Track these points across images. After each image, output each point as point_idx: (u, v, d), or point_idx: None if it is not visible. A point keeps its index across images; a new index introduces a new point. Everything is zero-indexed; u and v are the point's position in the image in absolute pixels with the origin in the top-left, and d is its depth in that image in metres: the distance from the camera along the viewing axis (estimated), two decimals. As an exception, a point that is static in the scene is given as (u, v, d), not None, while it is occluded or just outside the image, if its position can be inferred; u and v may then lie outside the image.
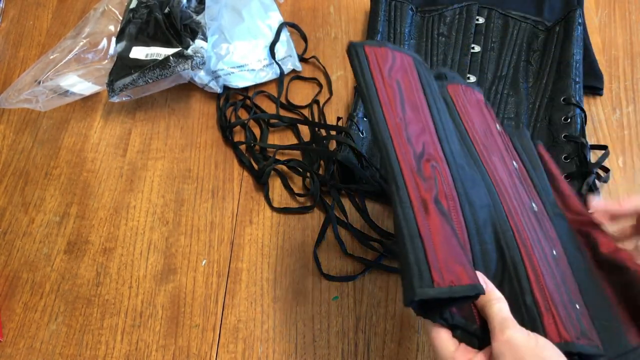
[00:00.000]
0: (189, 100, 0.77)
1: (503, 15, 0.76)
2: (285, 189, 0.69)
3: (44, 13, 0.87)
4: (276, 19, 0.80)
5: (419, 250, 0.37)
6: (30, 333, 0.63)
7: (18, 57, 0.83)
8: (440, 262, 0.37)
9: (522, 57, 0.74)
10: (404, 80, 0.45)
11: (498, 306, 0.39)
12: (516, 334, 0.37)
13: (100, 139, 0.75)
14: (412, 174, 0.40)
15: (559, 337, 0.39)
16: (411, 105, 0.44)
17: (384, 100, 0.43)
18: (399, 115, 0.43)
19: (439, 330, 0.39)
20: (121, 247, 0.67)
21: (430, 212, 0.39)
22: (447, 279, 0.36)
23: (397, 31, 0.75)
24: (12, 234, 0.69)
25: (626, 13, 0.80)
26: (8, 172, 0.74)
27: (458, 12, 0.77)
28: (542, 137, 0.67)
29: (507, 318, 0.38)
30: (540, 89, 0.71)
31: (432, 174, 0.41)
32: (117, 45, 0.75)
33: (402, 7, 0.77)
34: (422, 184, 0.40)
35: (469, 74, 0.73)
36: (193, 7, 0.74)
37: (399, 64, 0.46)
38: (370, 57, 0.45)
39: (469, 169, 0.45)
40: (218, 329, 0.62)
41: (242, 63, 0.76)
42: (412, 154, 0.41)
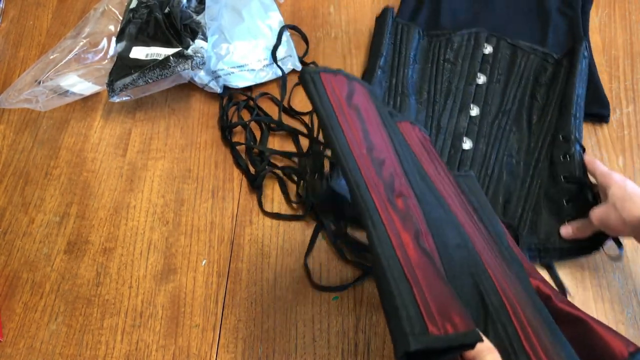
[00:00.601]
0: (189, 100, 0.77)
1: (512, 45, 0.74)
2: (282, 194, 0.69)
3: (44, 13, 0.87)
4: (276, 19, 0.80)
5: (407, 293, 0.33)
6: (30, 333, 0.63)
7: (18, 57, 0.83)
8: (432, 307, 0.33)
9: (528, 91, 0.71)
10: (364, 109, 0.42)
11: (491, 357, 0.35)
12: None
13: (100, 139, 0.75)
14: (388, 210, 0.36)
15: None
16: (373, 135, 0.41)
17: (346, 129, 0.39)
18: (365, 145, 0.39)
19: None
20: (121, 247, 0.67)
21: (411, 252, 0.35)
22: (442, 325, 0.32)
23: (402, 54, 0.73)
24: (12, 234, 0.69)
25: (626, 13, 0.80)
26: (8, 172, 0.74)
27: (466, 38, 0.75)
28: (542, 179, 0.65)
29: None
30: (544, 128, 0.68)
31: (407, 210, 0.38)
32: (117, 45, 0.75)
33: (409, 29, 0.75)
34: (398, 221, 0.36)
35: (472, 104, 0.71)
36: (193, 7, 0.74)
37: (357, 93, 0.43)
38: (327, 84, 0.41)
39: (436, 207, 0.42)
40: (218, 329, 0.62)
41: (242, 63, 0.76)
42: (383, 186, 0.38)
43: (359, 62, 0.78)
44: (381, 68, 0.71)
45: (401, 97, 0.70)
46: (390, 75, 0.72)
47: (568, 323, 0.46)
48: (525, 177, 0.66)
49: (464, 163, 0.67)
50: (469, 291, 0.40)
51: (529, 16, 0.78)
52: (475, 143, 0.68)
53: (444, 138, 0.69)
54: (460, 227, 0.43)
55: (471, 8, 0.80)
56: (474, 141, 0.68)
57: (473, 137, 0.68)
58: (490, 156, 0.67)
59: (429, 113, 0.70)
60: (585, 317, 0.46)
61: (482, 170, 0.67)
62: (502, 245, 0.50)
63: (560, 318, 0.46)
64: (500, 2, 0.80)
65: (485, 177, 0.66)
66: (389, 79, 0.72)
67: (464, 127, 0.69)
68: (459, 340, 0.32)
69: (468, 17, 0.79)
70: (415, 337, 0.31)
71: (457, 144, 0.68)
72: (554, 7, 0.78)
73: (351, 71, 0.78)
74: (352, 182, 0.37)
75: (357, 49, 0.80)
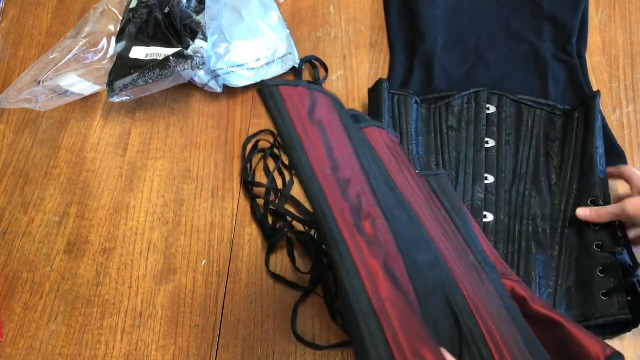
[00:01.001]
0: (189, 100, 0.77)
1: (515, 102, 0.70)
2: (288, 255, 0.65)
3: (44, 13, 0.87)
4: (276, 18, 0.80)
5: (376, 330, 0.31)
6: (30, 333, 0.63)
7: (18, 57, 0.83)
8: (403, 343, 0.31)
9: (542, 150, 0.67)
10: (327, 123, 0.38)
11: None
12: None
13: (100, 139, 0.75)
14: (354, 236, 0.34)
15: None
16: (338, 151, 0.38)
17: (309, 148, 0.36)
18: (329, 165, 0.36)
19: None
20: (121, 247, 0.67)
21: (380, 282, 0.33)
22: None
23: (404, 130, 0.68)
24: (12, 234, 0.69)
25: (626, 13, 0.80)
26: (8, 172, 0.74)
27: (466, 100, 0.70)
28: (572, 247, 0.61)
29: None
30: (565, 188, 0.64)
31: (375, 233, 0.35)
32: (117, 45, 0.75)
33: (406, 101, 0.69)
34: (366, 248, 0.34)
35: (486, 173, 0.66)
36: (193, 7, 0.74)
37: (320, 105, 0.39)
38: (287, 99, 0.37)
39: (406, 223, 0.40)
40: (218, 329, 0.62)
41: (242, 62, 0.76)
42: (350, 210, 0.35)
43: (359, 62, 0.78)
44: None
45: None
46: None
47: (543, 325, 0.46)
48: (553, 245, 0.62)
49: (488, 239, 0.61)
50: (442, 311, 0.38)
51: (526, 67, 0.75)
52: (495, 215, 0.64)
53: None
54: (431, 243, 0.41)
55: (464, 66, 0.76)
56: (494, 213, 0.64)
57: (492, 209, 0.64)
58: (514, 228, 0.63)
59: None
60: (561, 319, 0.45)
61: (509, 245, 0.62)
62: (475, 250, 0.48)
63: (536, 321, 0.46)
64: (493, 55, 0.76)
65: (514, 253, 0.62)
66: None
67: (481, 199, 0.65)
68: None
69: (463, 76, 0.75)
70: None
71: (478, 220, 0.63)
72: (549, 53, 0.75)
73: (351, 71, 0.78)
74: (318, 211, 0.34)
75: (357, 49, 0.79)
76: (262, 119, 0.75)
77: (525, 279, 0.60)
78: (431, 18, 0.78)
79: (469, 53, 0.77)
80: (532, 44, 0.76)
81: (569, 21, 0.76)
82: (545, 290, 0.59)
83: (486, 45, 0.77)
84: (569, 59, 0.75)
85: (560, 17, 0.77)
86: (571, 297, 0.59)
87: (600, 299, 0.57)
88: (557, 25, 0.77)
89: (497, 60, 0.76)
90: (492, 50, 0.77)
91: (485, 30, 0.78)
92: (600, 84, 0.74)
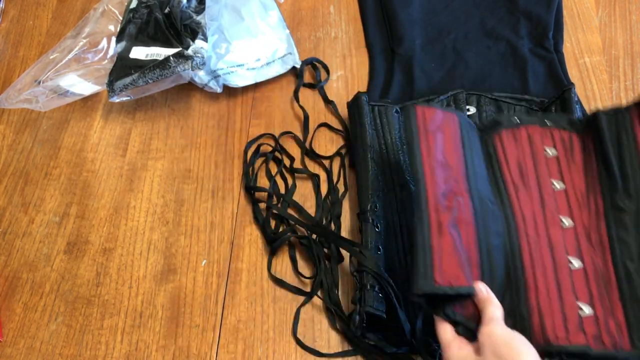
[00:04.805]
0: (189, 100, 0.77)
1: (494, 100, 0.70)
2: (290, 260, 0.65)
3: (44, 13, 0.87)
4: (276, 18, 0.80)
5: (429, 257, 0.47)
6: (30, 333, 0.63)
7: (18, 57, 0.83)
8: (444, 268, 0.47)
9: None
10: (445, 134, 0.54)
11: (492, 309, 0.47)
12: (496, 328, 0.45)
13: (100, 139, 0.75)
14: (436, 203, 0.49)
15: (543, 339, 0.46)
16: (448, 154, 0.53)
17: (424, 147, 0.53)
18: (436, 160, 0.52)
19: (442, 322, 0.49)
20: (121, 247, 0.67)
21: (444, 233, 0.48)
22: (447, 280, 0.46)
23: (389, 140, 0.67)
24: (12, 234, 0.69)
25: (626, 13, 0.80)
26: (8, 172, 0.74)
27: (445, 103, 0.70)
28: None
29: (496, 318, 0.46)
30: None
31: (454, 205, 0.50)
32: (117, 45, 0.75)
33: (386, 111, 0.68)
34: (442, 211, 0.49)
35: None
36: (193, 7, 0.74)
37: (441, 121, 0.55)
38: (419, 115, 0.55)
39: (492, 205, 0.53)
40: (218, 329, 0.62)
41: (242, 62, 0.76)
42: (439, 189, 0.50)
43: (358, 62, 0.78)
44: (373, 160, 0.65)
45: (401, 188, 0.64)
46: (383, 167, 0.66)
47: None
48: None
49: None
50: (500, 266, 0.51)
51: (505, 64, 0.75)
52: None
53: None
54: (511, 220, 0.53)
55: (444, 66, 0.76)
56: None
57: None
58: None
59: None
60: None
61: None
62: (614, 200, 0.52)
63: None
64: (472, 54, 0.76)
65: None
66: (383, 170, 0.65)
67: None
68: (455, 291, 0.46)
69: (443, 78, 0.75)
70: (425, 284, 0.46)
71: None
72: (527, 49, 0.75)
73: (351, 71, 0.78)
74: (419, 186, 0.51)
75: (357, 49, 0.79)
76: (262, 118, 0.75)
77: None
78: (408, 20, 0.79)
79: (448, 53, 0.77)
80: (510, 41, 0.76)
81: (544, 16, 0.77)
82: None
83: (464, 44, 0.77)
84: (546, 54, 0.75)
85: (535, 12, 0.77)
86: None
87: None
88: (533, 21, 0.77)
89: (476, 59, 0.76)
90: (471, 49, 0.77)
91: (462, 29, 0.79)
92: (600, 84, 0.74)
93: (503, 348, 0.43)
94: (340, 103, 0.75)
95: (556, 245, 0.51)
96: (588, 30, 0.78)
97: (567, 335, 0.46)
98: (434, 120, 0.55)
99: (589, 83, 0.74)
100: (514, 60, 0.75)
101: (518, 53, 0.75)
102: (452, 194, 0.51)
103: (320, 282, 0.62)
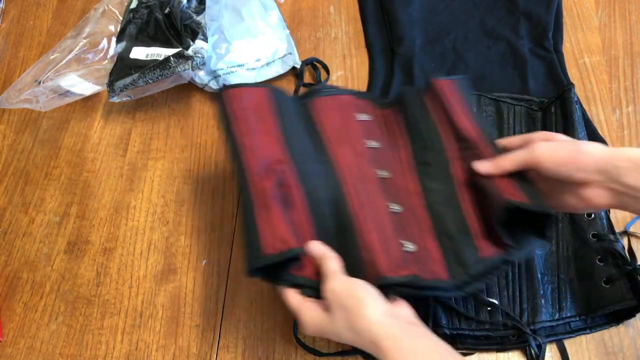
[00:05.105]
0: (189, 100, 0.77)
1: (493, 100, 0.70)
2: None
3: (44, 13, 0.87)
4: (276, 18, 0.80)
5: (253, 231, 0.49)
6: (31, 333, 0.63)
7: (18, 57, 0.83)
8: (269, 236, 0.48)
9: None
10: (258, 108, 0.56)
11: (329, 263, 0.48)
12: (337, 282, 0.46)
13: (101, 139, 0.75)
14: (258, 174, 0.51)
15: (376, 275, 0.47)
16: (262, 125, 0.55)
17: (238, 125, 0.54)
18: (252, 134, 0.54)
19: (287, 290, 0.49)
20: (121, 247, 0.67)
21: (268, 203, 0.50)
22: (274, 247, 0.48)
23: None
24: (12, 234, 0.69)
25: (626, 13, 0.80)
26: (8, 172, 0.74)
27: None
28: (567, 238, 0.61)
29: (335, 271, 0.47)
30: None
31: (278, 171, 0.52)
32: (118, 46, 0.75)
33: None
34: (265, 180, 0.51)
35: None
36: (193, 8, 0.74)
37: (252, 97, 0.57)
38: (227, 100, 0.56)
39: (314, 164, 0.55)
40: (218, 329, 0.62)
41: (242, 62, 0.76)
42: (261, 162, 0.52)
43: (358, 62, 0.78)
44: None
45: None
46: None
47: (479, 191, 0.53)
48: (550, 241, 0.61)
49: None
50: (331, 218, 0.53)
51: (505, 64, 0.75)
52: None
53: None
54: (334, 173, 0.55)
55: (444, 66, 0.76)
56: None
57: None
58: None
59: None
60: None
61: None
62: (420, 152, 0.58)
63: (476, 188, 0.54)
64: (472, 54, 0.76)
65: None
66: None
67: None
68: (281, 256, 0.47)
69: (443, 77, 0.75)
70: (253, 259, 0.47)
71: None
72: (527, 49, 0.75)
73: (351, 71, 0.78)
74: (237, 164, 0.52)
75: (357, 49, 0.80)
76: (262, 119, 0.75)
77: (528, 278, 0.60)
78: (408, 20, 0.79)
79: (448, 53, 0.77)
80: (509, 41, 0.76)
81: (543, 16, 0.77)
82: (548, 286, 0.59)
83: (464, 44, 0.77)
84: (546, 54, 0.75)
85: (535, 12, 0.77)
86: (575, 290, 0.59)
87: (603, 287, 0.57)
88: (533, 21, 0.77)
89: (476, 59, 0.76)
90: (471, 49, 0.77)
91: (462, 29, 0.79)
92: (600, 84, 0.74)
93: (347, 300, 0.45)
94: (340, 103, 0.75)
95: (377, 193, 0.54)
96: (588, 30, 0.78)
97: (395, 268, 0.48)
98: (243, 98, 0.56)
99: (589, 83, 0.74)
100: (514, 60, 0.75)
101: (518, 53, 0.75)
102: (275, 162, 0.52)
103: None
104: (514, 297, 0.59)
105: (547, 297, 0.59)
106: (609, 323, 0.58)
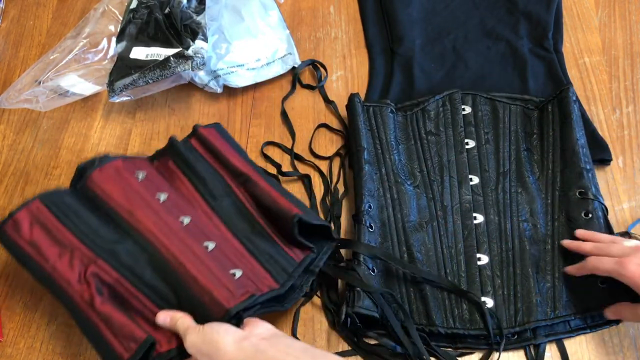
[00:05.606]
0: (189, 101, 0.77)
1: (489, 99, 0.70)
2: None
3: (44, 13, 0.87)
4: (276, 18, 0.80)
5: (101, 340, 0.51)
6: (31, 333, 0.63)
7: (18, 57, 0.83)
8: (118, 344, 0.51)
9: (522, 145, 0.67)
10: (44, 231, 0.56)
11: (179, 322, 0.51)
12: (191, 336, 0.49)
13: (101, 139, 0.75)
14: (77, 289, 0.53)
15: (221, 311, 0.50)
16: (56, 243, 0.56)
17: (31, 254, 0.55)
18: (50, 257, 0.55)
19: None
20: (121, 247, 0.67)
21: (98, 308, 0.52)
22: (131, 348, 0.50)
23: (383, 141, 0.67)
24: (13, 234, 0.69)
25: (626, 13, 0.80)
26: (8, 172, 0.74)
27: (441, 103, 0.70)
28: (563, 237, 0.61)
29: (187, 327, 0.50)
30: (549, 181, 0.64)
31: (93, 273, 0.54)
32: (118, 46, 0.75)
33: (381, 111, 0.69)
34: (85, 290, 0.53)
35: (470, 174, 0.66)
36: (193, 8, 0.74)
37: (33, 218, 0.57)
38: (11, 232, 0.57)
39: (121, 244, 0.56)
40: (218, 329, 0.62)
41: (242, 62, 0.76)
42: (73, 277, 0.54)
43: (358, 62, 0.78)
44: (368, 162, 0.65)
45: (396, 187, 0.65)
46: (378, 166, 0.66)
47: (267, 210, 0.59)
48: (545, 239, 0.62)
49: (480, 240, 0.62)
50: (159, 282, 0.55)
51: (505, 64, 0.75)
52: (485, 215, 0.63)
53: (452, 219, 0.64)
54: (142, 240, 0.56)
55: (444, 67, 0.76)
56: (483, 214, 0.64)
57: (481, 210, 0.64)
58: (505, 227, 0.63)
59: (429, 195, 0.65)
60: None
61: (502, 244, 0.62)
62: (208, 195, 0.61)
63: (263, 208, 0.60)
64: (472, 54, 0.76)
65: (508, 251, 0.61)
66: (378, 170, 0.66)
67: (468, 201, 0.64)
68: (144, 348, 0.50)
69: (443, 78, 0.75)
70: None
71: (469, 222, 0.63)
72: (527, 49, 0.75)
73: (351, 71, 0.78)
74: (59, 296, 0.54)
75: (357, 49, 0.80)
76: (262, 118, 0.75)
77: (523, 276, 0.60)
78: (408, 20, 0.79)
79: (448, 53, 0.77)
80: (509, 41, 0.77)
81: (543, 16, 0.77)
82: (544, 284, 0.59)
83: (464, 44, 0.77)
84: (546, 54, 0.75)
85: (534, 12, 0.77)
86: (570, 289, 0.59)
87: (599, 287, 0.57)
88: (532, 21, 0.77)
89: (476, 59, 0.76)
90: (470, 49, 0.77)
91: (462, 30, 0.79)
92: (600, 84, 0.74)
93: (205, 347, 0.48)
94: (341, 103, 0.75)
95: (189, 239, 0.56)
96: (588, 30, 0.78)
97: (235, 298, 0.51)
98: (24, 224, 0.56)
99: (589, 83, 0.74)
100: (514, 60, 0.75)
101: (518, 53, 0.75)
102: (85, 270, 0.54)
103: (320, 282, 0.62)
104: (509, 297, 0.59)
105: (542, 295, 0.59)
106: (608, 323, 0.58)
